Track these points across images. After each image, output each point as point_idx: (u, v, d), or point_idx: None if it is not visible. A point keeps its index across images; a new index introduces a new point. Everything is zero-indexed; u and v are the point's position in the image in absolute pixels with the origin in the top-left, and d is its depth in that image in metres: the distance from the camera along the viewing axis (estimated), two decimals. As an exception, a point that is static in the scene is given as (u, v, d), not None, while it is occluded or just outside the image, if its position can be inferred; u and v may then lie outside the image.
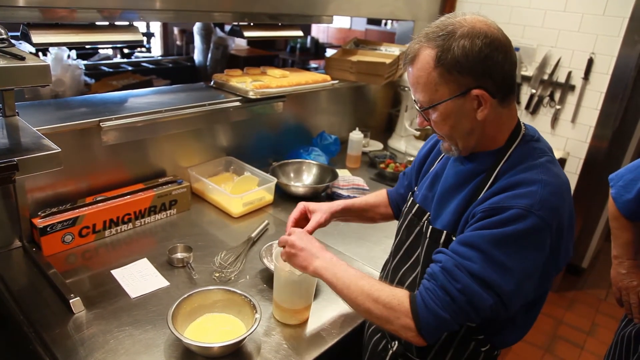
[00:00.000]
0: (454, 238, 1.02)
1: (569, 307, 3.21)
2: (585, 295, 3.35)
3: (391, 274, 1.21)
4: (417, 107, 1.03)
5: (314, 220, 1.30)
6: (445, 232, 1.04)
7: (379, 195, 1.45)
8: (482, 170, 1.02)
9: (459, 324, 0.96)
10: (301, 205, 1.35)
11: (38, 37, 1.38)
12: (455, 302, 0.92)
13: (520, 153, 0.99)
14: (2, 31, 1.08)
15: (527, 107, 3.13)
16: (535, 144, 1.01)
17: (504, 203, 0.92)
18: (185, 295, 1.22)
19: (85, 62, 3.07)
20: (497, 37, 0.92)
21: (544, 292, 1.06)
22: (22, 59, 0.99)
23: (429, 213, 1.12)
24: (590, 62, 2.82)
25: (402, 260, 1.17)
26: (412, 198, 1.21)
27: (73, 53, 2.33)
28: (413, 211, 1.17)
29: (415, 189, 1.23)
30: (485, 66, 0.91)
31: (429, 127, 1.05)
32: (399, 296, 0.98)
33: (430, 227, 1.08)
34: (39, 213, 1.50)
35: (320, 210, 1.33)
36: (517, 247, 0.90)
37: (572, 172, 3.06)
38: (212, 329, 1.21)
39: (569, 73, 2.91)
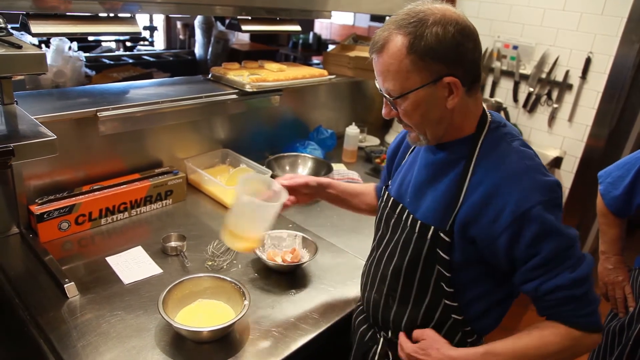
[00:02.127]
0: (443, 236, 1.03)
1: (563, 305, 3.22)
2: (579, 294, 3.37)
3: (374, 267, 1.22)
4: (387, 97, 1.00)
5: (302, 179, 1.34)
6: (432, 227, 1.05)
7: (367, 187, 1.47)
8: (456, 159, 1.04)
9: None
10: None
11: (37, 27, 1.40)
12: (590, 285, 0.99)
13: (492, 140, 1.02)
14: (1, 20, 1.11)
15: (524, 106, 3.14)
16: (503, 130, 1.04)
17: (520, 208, 0.94)
18: (177, 282, 1.25)
19: (86, 54, 3.09)
20: (467, 25, 0.93)
21: None
22: (19, 47, 1.01)
23: (402, 205, 1.14)
24: (588, 62, 2.83)
25: (384, 252, 1.19)
26: (386, 192, 1.22)
27: (74, 45, 2.35)
28: (389, 205, 1.18)
29: (389, 183, 1.25)
30: (457, 53, 0.92)
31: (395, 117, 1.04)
32: (562, 332, 1.00)
33: (411, 217, 1.10)
34: (37, 200, 1.53)
35: (312, 178, 1.37)
36: (561, 226, 0.96)
37: (569, 171, 3.08)
38: (202, 314, 1.24)
39: (567, 72, 2.92)
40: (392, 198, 1.18)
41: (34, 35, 1.40)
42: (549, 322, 1.02)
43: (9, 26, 1.17)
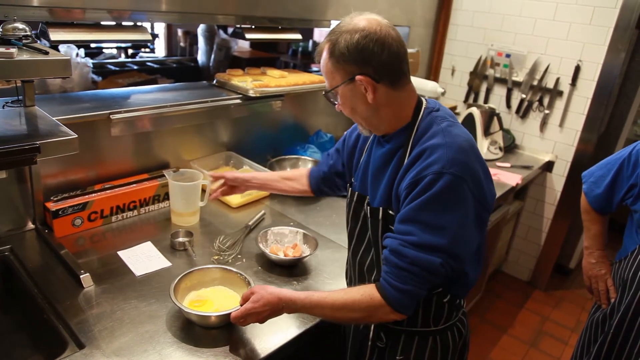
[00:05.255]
0: (390, 212, 1.16)
1: (556, 305, 3.32)
2: (572, 295, 3.46)
3: (352, 257, 1.34)
4: (324, 92, 1.19)
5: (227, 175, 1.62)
6: (381, 208, 1.18)
7: (298, 172, 1.62)
8: (399, 147, 1.16)
9: (425, 289, 1.09)
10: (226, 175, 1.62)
11: (56, 35, 1.50)
12: (412, 274, 1.06)
13: (425, 124, 1.13)
14: (27, 28, 1.20)
15: (517, 111, 3.25)
16: (435, 114, 1.15)
17: (419, 175, 1.05)
18: (186, 272, 1.34)
19: (92, 60, 3.19)
20: (374, 32, 1.06)
21: (483, 236, 1.19)
22: (46, 53, 1.11)
23: (368, 197, 1.25)
24: (577, 69, 2.94)
25: (358, 243, 1.31)
26: (350, 189, 1.34)
27: (81, 51, 2.45)
28: (354, 200, 1.30)
29: (353, 179, 1.36)
30: (363, 56, 1.06)
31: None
32: (368, 292, 1.11)
33: (369, 207, 1.22)
34: (52, 198, 1.61)
35: (231, 173, 1.63)
36: (441, 206, 1.04)
37: (560, 175, 3.18)
38: (210, 301, 1.33)
39: (557, 79, 3.03)
40: (356, 193, 1.29)
41: (52, 42, 1.49)
42: (370, 284, 1.14)
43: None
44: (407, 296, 1.08)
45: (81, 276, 1.38)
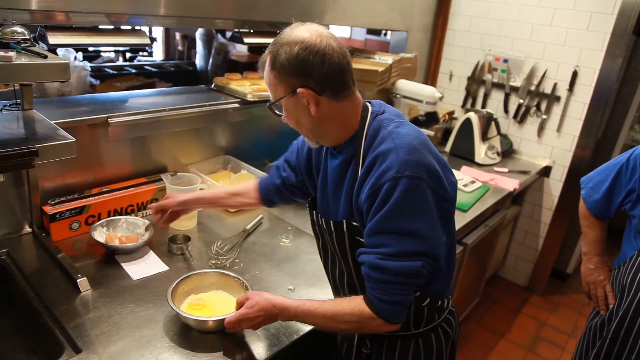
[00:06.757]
0: (354, 223, 1.14)
1: (553, 310, 3.32)
2: (569, 300, 3.46)
3: (326, 271, 1.37)
4: (267, 104, 1.17)
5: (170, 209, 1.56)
6: (344, 221, 1.16)
7: (245, 185, 1.57)
8: (351, 156, 1.15)
9: (412, 294, 1.10)
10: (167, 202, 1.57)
11: (54, 38, 1.50)
12: (397, 284, 1.06)
13: (372, 130, 1.12)
14: (26, 32, 1.20)
15: (515, 117, 3.26)
16: (381, 117, 1.14)
17: (376, 184, 1.04)
18: (184, 276, 1.34)
19: (90, 64, 3.19)
20: (313, 43, 1.04)
21: (452, 227, 1.19)
22: (45, 57, 1.11)
23: (323, 218, 1.24)
24: (574, 75, 2.95)
25: (326, 258, 1.33)
26: (314, 210, 1.31)
27: (80, 55, 2.45)
28: (318, 223, 1.28)
29: (316, 194, 1.34)
30: (303, 68, 1.05)
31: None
32: (358, 306, 1.10)
33: (331, 221, 1.20)
34: (49, 201, 1.61)
35: (174, 200, 1.56)
36: (407, 210, 1.03)
37: (557, 180, 3.18)
38: (208, 305, 1.33)
39: (555, 84, 3.04)
40: (320, 216, 1.27)
41: (51, 45, 1.49)
42: (360, 295, 1.13)
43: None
44: (398, 306, 1.08)
45: (78, 280, 1.37)
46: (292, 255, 1.69)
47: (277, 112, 1.17)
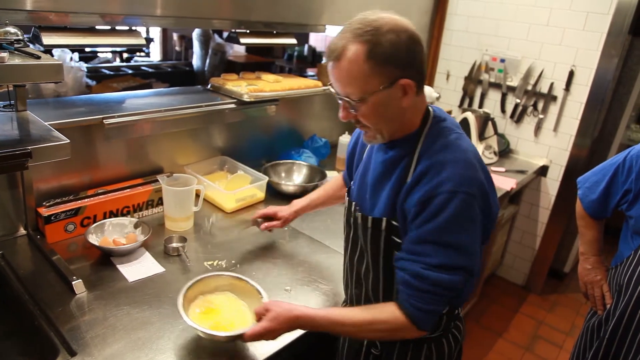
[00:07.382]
0: (394, 223, 1.12)
1: (551, 309, 3.32)
2: (566, 299, 3.47)
3: (348, 262, 1.33)
4: (347, 100, 1.06)
5: (282, 218, 1.61)
6: (384, 219, 1.14)
7: (336, 181, 1.59)
8: (404, 155, 1.12)
9: (446, 305, 1.11)
10: (270, 208, 1.63)
11: (48, 39, 1.48)
12: (435, 294, 1.05)
13: (433, 134, 1.10)
14: (19, 32, 1.19)
15: (512, 116, 3.26)
16: (443, 124, 1.12)
17: (430, 193, 1.02)
18: (194, 281, 1.28)
19: (86, 64, 3.18)
20: (414, 32, 1.02)
21: (483, 242, 1.17)
22: (38, 57, 1.10)
23: (359, 206, 1.22)
24: (571, 74, 2.95)
25: (353, 250, 1.29)
26: (348, 197, 1.30)
27: (75, 55, 2.44)
28: (351, 208, 1.26)
29: (352, 184, 1.32)
30: (409, 57, 1.01)
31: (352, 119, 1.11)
32: (392, 313, 1.09)
33: (367, 216, 1.17)
34: (44, 203, 1.60)
35: (285, 210, 1.61)
36: (458, 226, 1.02)
37: (554, 179, 3.19)
38: (216, 308, 1.28)
39: (552, 84, 3.05)
40: (353, 202, 1.26)
41: (45, 46, 1.48)
42: (392, 302, 1.12)
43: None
44: (432, 315, 1.08)
45: (73, 282, 1.36)
46: (289, 256, 1.68)
47: (354, 109, 1.06)
